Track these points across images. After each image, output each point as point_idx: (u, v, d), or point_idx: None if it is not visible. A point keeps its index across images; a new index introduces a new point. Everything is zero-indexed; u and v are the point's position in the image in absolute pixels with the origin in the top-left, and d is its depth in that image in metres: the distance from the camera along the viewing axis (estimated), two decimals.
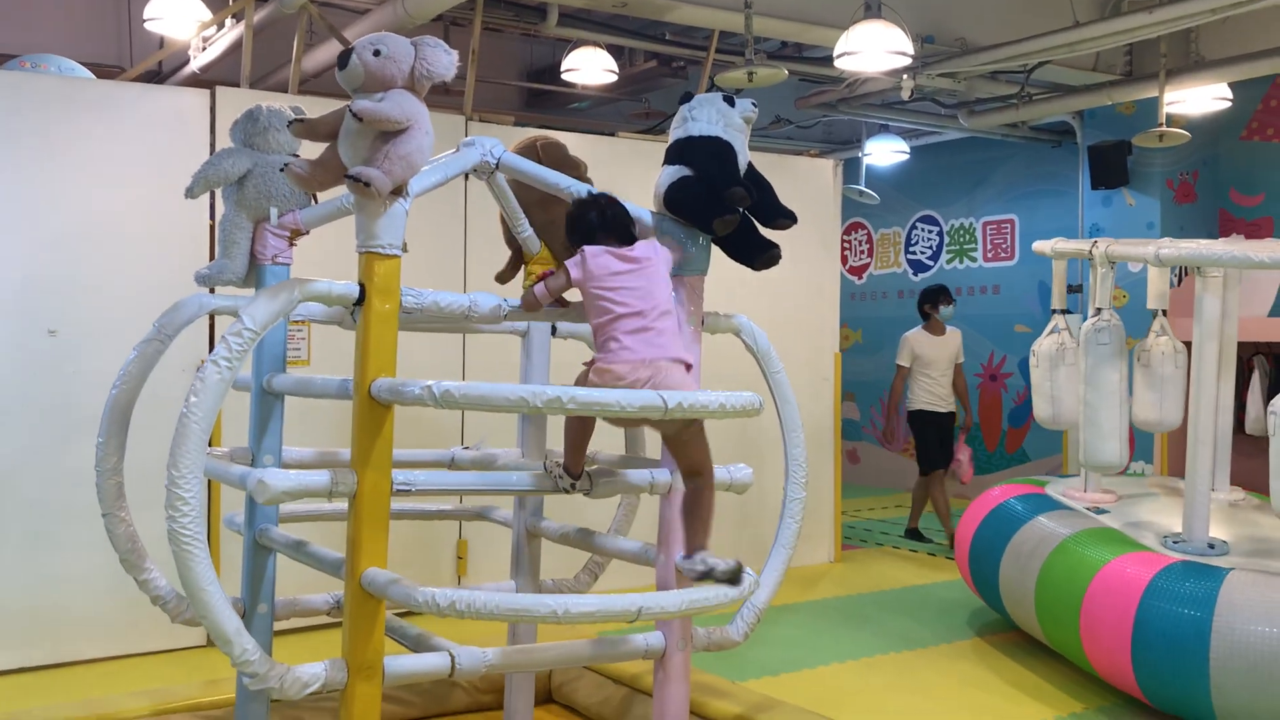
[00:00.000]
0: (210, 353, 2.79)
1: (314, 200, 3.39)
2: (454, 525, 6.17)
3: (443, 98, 7.14)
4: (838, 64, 6.55)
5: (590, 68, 7.59)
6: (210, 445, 3.15)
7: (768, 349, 3.45)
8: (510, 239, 3.66)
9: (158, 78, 7.95)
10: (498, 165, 3.15)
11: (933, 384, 8.08)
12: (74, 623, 5.17)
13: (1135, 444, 7.25)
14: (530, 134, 3.82)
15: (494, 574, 5.71)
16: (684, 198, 3.17)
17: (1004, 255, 10.60)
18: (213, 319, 5.32)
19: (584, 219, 3.08)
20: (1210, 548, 4.79)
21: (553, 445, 3.58)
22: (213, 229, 5.35)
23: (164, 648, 5.34)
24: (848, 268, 12.02)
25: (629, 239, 3.07)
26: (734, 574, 3.01)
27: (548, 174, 3.24)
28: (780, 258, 3.22)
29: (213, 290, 4.15)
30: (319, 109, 3.15)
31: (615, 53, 7.80)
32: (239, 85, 5.96)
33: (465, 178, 3.24)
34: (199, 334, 5.28)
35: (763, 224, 3.26)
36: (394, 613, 3.21)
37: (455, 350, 6.09)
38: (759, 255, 3.22)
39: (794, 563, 3.72)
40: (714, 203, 3.12)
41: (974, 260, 10.85)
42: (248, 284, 3.36)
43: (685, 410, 2.77)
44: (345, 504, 2.90)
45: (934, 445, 8.12)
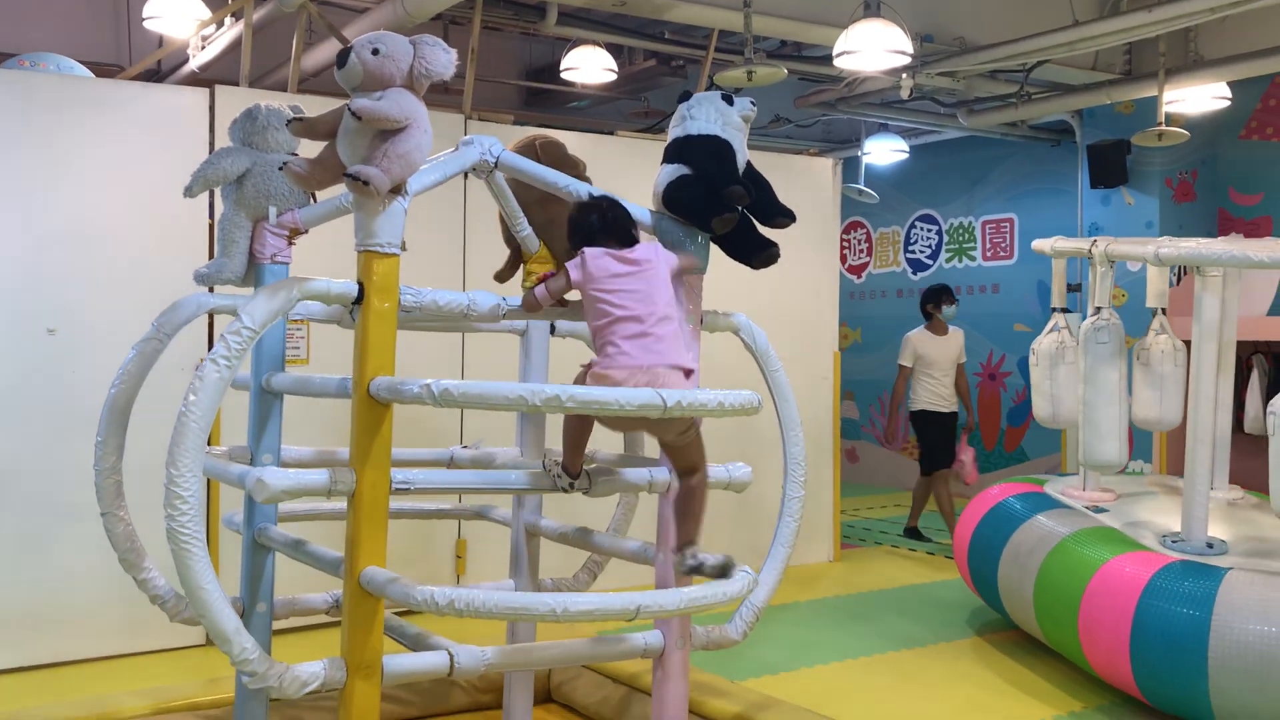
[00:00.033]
0: (209, 351, 2.79)
1: (313, 199, 3.39)
2: (453, 524, 6.17)
3: (442, 96, 7.16)
4: (837, 63, 6.54)
5: (589, 66, 7.59)
6: (209, 444, 3.16)
7: (766, 348, 3.45)
8: (509, 238, 3.65)
9: (157, 76, 7.94)
10: (496, 164, 3.15)
11: (935, 384, 8.08)
12: (73, 622, 5.17)
13: (1134, 443, 7.24)
14: (529, 133, 3.82)
15: (493, 573, 5.70)
16: (683, 196, 3.17)
17: (1003, 254, 10.60)
18: (212, 318, 5.30)
19: (585, 222, 3.08)
20: (1209, 547, 4.79)
21: (551, 444, 3.58)
22: (212, 228, 5.35)
23: (163, 647, 5.33)
24: (847, 267, 12.01)
25: (630, 241, 3.07)
26: (724, 568, 3.02)
27: (547, 173, 3.24)
28: (779, 256, 3.22)
29: (212, 289, 4.16)
30: (318, 108, 3.15)
31: (614, 51, 7.80)
32: (238, 84, 5.95)
33: (464, 176, 3.24)
34: (198, 333, 5.27)
35: (761, 223, 3.26)
36: (393, 611, 3.21)
37: (454, 349, 6.09)
38: (758, 254, 3.23)
39: (793, 562, 3.72)
40: (713, 201, 3.12)
41: (973, 259, 10.85)
42: (247, 283, 3.36)
43: (684, 409, 2.77)
44: (344, 503, 2.90)
45: (937, 445, 8.11)
